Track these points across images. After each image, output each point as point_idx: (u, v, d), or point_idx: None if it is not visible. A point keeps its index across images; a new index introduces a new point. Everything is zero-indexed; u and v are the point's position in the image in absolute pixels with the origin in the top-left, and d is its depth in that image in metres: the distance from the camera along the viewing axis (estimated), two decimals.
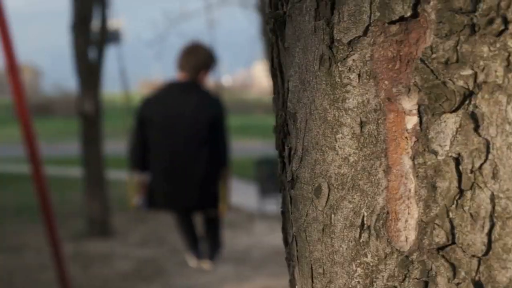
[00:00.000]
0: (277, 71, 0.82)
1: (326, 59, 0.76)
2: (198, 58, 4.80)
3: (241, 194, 12.54)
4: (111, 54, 23.21)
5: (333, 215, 0.76)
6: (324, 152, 0.77)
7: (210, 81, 5.15)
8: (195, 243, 5.29)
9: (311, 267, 0.77)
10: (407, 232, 0.74)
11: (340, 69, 0.76)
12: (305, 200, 0.78)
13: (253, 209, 11.16)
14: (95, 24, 9.42)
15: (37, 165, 6.08)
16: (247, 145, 26.31)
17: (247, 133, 31.27)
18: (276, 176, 8.97)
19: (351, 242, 0.76)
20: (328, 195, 0.76)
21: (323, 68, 0.77)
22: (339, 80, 0.76)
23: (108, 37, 9.87)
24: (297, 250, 0.79)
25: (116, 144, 26.74)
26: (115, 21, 12.09)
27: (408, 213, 0.73)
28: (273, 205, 10.74)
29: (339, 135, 0.77)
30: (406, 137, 0.73)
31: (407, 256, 0.74)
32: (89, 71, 9.17)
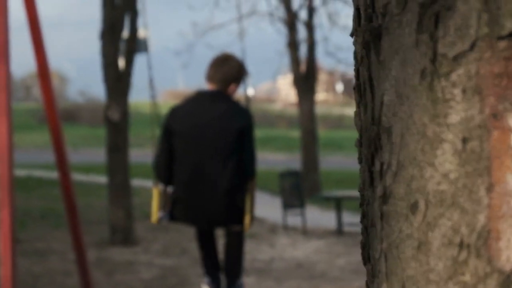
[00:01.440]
0: (366, 84, 0.81)
1: (427, 73, 0.75)
2: (229, 70, 4.74)
3: (264, 206, 12.53)
4: (137, 63, 23.27)
5: (430, 233, 0.75)
6: (422, 168, 0.76)
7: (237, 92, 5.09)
8: (215, 270, 5.03)
9: (403, 285, 0.76)
10: (509, 252, 0.72)
11: (443, 84, 0.75)
12: (398, 216, 0.77)
13: (276, 221, 11.15)
14: (124, 33, 9.49)
15: (65, 171, 6.11)
16: (270, 158, 26.33)
17: (271, 145, 31.28)
18: (298, 189, 8.95)
19: (449, 260, 0.75)
20: (425, 211, 0.75)
21: (424, 83, 0.75)
22: (441, 95, 0.75)
23: (136, 46, 9.91)
24: (386, 267, 0.78)
25: (140, 152, 26.86)
26: (142, 31, 12.15)
27: (511, 232, 0.72)
28: (295, 218, 10.71)
29: (439, 151, 0.76)
30: (510, 155, 0.72)
31: (508, 276, 0.72)
32: (117, 79, 9.22)
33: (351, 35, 0.84)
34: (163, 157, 4.70)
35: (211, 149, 4.57)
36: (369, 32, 0.78)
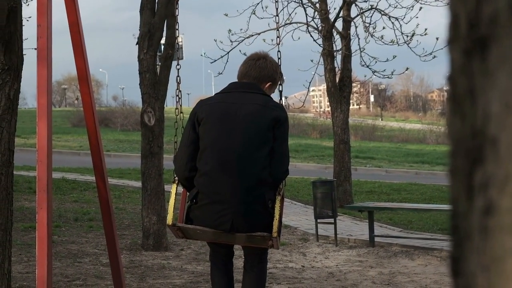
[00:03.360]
0: (466, 94, 0.80)
1: None
2: (265, 67, 4.52)
3: (297, 215, 12.54)
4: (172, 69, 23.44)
5: None
6: None
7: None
8: None
9: None
10: None
11: None
12: (503, 229, 0.76)
13: (308, 230, 11.14)
14: (161, 39, 9.57)
15: (102, 175, 6.17)
16: (302, 167, 26.31)
17: (302, 154, 31.25)
18: (331, 198, 8.90)
19: None
20: None
21: None
22: None
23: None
24: (487, 281, 0.77)
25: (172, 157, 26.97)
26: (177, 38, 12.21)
27: None
28: (327, 227, 10.70)
29: None
30: None
31: None
32: (153, 84, 9.30)
33: (447, 42, 0.83)
34: (186, 150, 4.28)
35: (242, 136, 4.18)
36: (472, 41, 0.77)
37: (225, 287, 4.50)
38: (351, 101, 15.13)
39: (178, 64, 5.14)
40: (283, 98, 4.79)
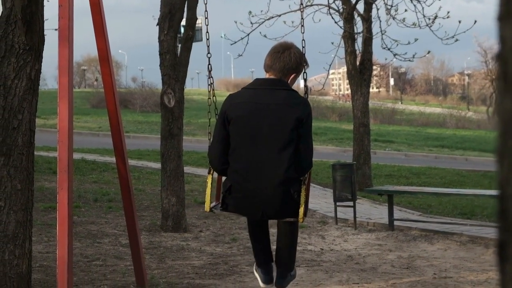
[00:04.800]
0: None
1: None
2: (290, 59, 4.60)
3: (315, 198, 12.51)
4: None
5: None
6: None
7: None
8: (268, 262, 4.93)
9: None
10: None
11: None
12: None
13: (327, 213, 11.12)
14: (182, 20, 9.55)
15: (122, 156, 6.18)
16: (321, 150, 26.27)
17: (322, 137, 31.20)
18: (351, 182, 8.88)
19: None
20: None
21: None
22: None
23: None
24: None
25: (191, 139, 27.05)
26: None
27: None
28: (346, 210, 10.68)
29: None
30: None
31: None
32: (174, 66, 9.29)
33: (498, 19, 0.80)
34: (218, 146, 4.56)
35: (268, 138, 4.44)
36: None
37: (263, 238, 4.91)
38: (370, 84, 15.04)
39: (208, 53, 5.14)
40: (304, 82, 4.87)
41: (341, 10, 14.30)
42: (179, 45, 9.83)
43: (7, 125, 5.47)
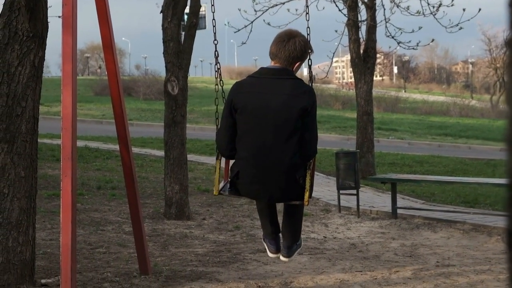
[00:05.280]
0: None
1: None
2: (295, 48, 4.60)
3: (319, 186, 12.52)
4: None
5: None
6: None
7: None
8: (275, 233, 5.14)
9: None
10: None
11: None
12: None
13: (330, 201, 11.13)
14: (186, 8, 9.52)
15: (126, 144, 6.18)
16: (325, 138, 26.24)
17: (325, 125, 31.17)
18: (354, 170, 8.88)
19: None
20: None
21: None
22: None
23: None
24: None
25: (194, 127, 27.03)
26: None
27: None
28: (350, 198, 10.68)
29: None
30: None
31: None
32: (177, 53, 9.27)
33: (509, 4, 0.79)
34: (226, 133, 4.63)
35: (274, 126, 4.51)
36: None
37: (271, 214, 5.04)
38: (374, 73, 15.00)
39: (215, 40, 5.14)
40: (308, 69, 4.88)
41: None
42: (183, 33, 9.80)
43: (11, 112, 5.48)
